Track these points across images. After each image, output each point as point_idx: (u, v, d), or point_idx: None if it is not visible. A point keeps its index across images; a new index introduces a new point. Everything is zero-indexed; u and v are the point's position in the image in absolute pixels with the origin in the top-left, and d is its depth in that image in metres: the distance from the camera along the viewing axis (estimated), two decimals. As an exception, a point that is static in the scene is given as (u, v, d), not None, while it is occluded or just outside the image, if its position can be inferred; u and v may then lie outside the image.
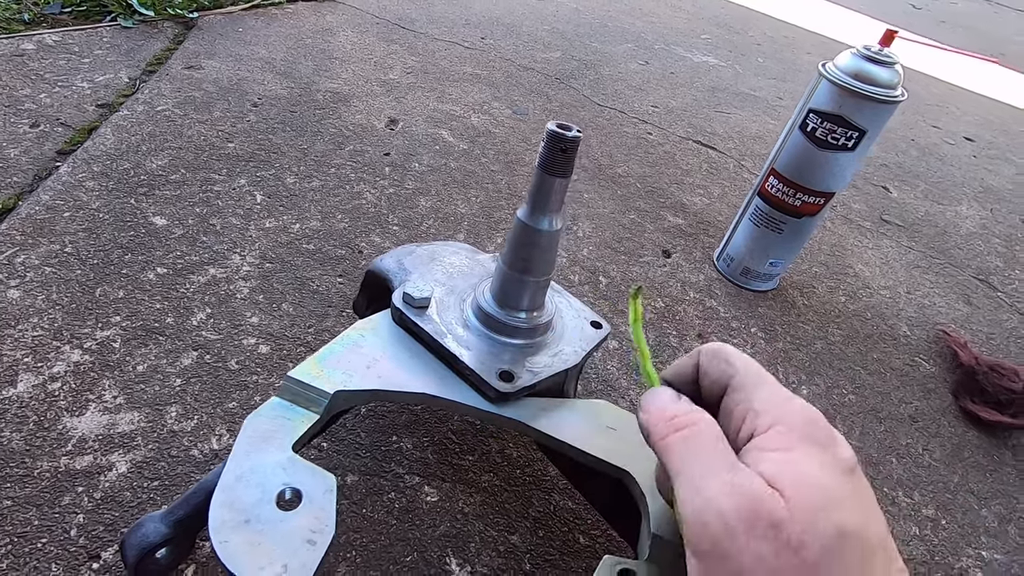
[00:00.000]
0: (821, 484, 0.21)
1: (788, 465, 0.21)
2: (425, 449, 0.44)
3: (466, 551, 0.39)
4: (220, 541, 0.25)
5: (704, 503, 0.21)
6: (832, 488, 0.21)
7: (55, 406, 0.41)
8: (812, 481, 0.21)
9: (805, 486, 0.20)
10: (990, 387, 0.61)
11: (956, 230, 0.93)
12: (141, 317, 0.49)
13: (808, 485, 0.20)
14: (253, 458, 0.29)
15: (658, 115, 1.05)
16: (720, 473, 0.21)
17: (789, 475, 0.21)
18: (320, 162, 0.72)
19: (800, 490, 0.20)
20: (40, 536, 0.35)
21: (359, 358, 0.35)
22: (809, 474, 0.21)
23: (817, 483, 0.21)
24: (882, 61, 0.55)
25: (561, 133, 0.32)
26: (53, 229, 0.55)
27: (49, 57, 0.80)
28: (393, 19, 1.16)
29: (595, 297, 0.63)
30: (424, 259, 0.43)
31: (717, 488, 0.21)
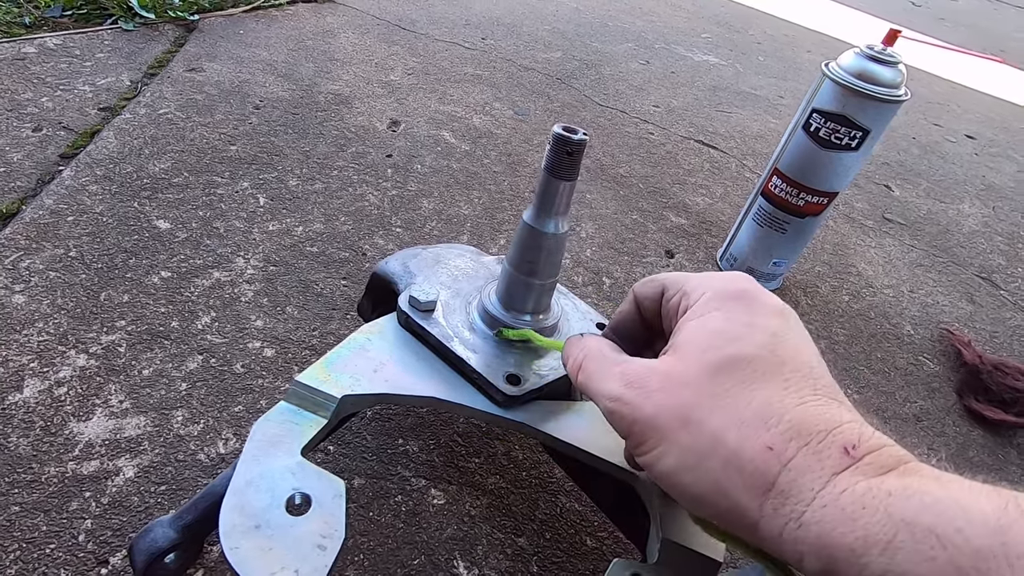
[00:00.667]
0: (721, 327, 0.24)
1: (697, 325, 0.24)
2: (431, 452, 0.44)
3: (473, 554, 0.39)
4: (231, 547, 0.25)
5: (603, 402, 0.25)
6: (730, 330, 0.23)
7: (61, 411, 0.41)
8: (713, 326, 0.24)
9: (702, 336, 0.24)
10: (994, 386, 0.61)
11: (958, 228, 0.93)
12: (146, 321, 0.49)
13: (707, 331, 0.24)
14: (262, 463, 0.29)
15: (659, 115, 1.05)
16: (611, 370, 0.26)
17: (693, 331, 0.24)
18: (322, 164, 0.72)
19: (695, 340, 0.24)
20: (48, 542, 0.35)
21: (366, 362, 0.35)
22: (709, 325, 0.24)
23: (717, 327, 0.24)
24: (885, 61, 0.55)
25: (567, 136, 0.32)
26: (57, 233, 0.55)
27: (50, 61, 0.80)
28: (393, 20, 1.16)
29: (599, 298, 0.63)
30: (429, 262, 0.43)
31: (612, 379, 0.25)
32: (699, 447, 0.21)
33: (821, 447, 0.20)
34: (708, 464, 0.21)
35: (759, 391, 0.21)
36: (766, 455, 0.20)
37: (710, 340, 0.23)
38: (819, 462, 0.20)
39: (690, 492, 0.22)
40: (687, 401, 0.22)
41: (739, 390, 0.22)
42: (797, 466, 0.20)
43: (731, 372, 0.22)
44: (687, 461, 0.22)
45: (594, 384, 0.26)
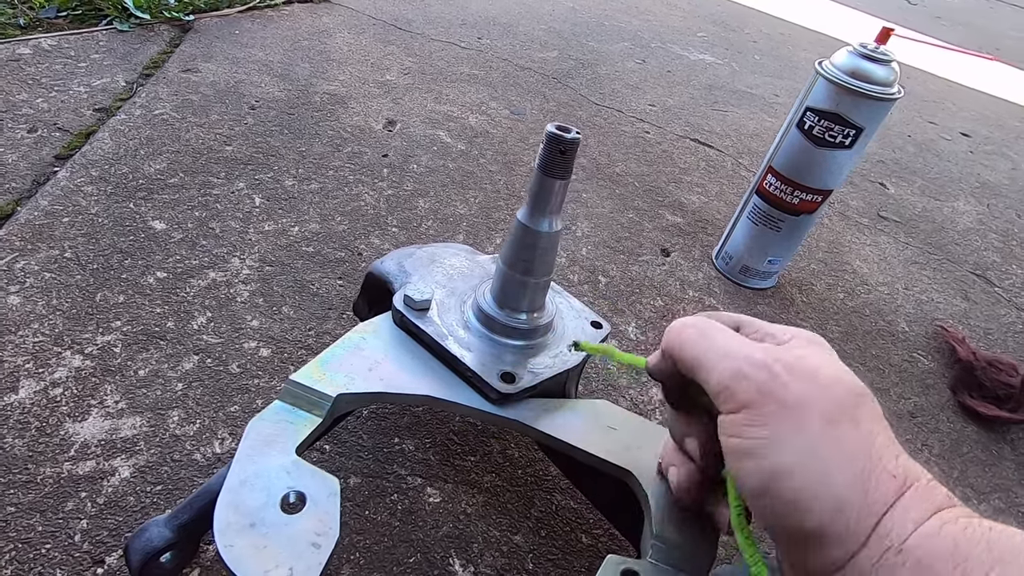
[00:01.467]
0: (840, 364, 0.23)
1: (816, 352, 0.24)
2: (427, 450, 0.45)
3: (469, 552, 0.39)
4: (226, 545, 0.25)
5: (738, 364, 0.23)
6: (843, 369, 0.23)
7: (57, 412, 0.41)
8: (835, 359, 0.24)
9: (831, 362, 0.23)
10: (988, 382, 0.61)
11: (953, 226, 0.93)
12: (142, 322, 0.49)
13: (834, 360, 0.24)
14: (257, 462, 0.29)
15: (655, 114, 1.05)
16: (742, 344, 0.24)
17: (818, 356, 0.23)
18: (318, 164, 0.72)
19: (830, 365, 0.23)
20: (44, 542, 0.35)
21: (361, 361, 0.35)
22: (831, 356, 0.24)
23: (838, 362, 0.24)
24: (878, 59, 0.55)
25: (560, 135, 0.32)
26: (52, 234, 0.55)
27: (45, 62, 0.79)
28: (389, 20, 1.16)
29: (595, 297, 0.63)
30: (424, 261, 0.43)
31: (747, 352, 0.23)
32: (830, 457, 0.21)
33: (928, 488, 0.21)
34: (834, 475, 0.20)
35: (880, 430, 0.22)
36: (889, 483, 0.20)
37: (838, 369, 0.23)
38: (925, 501, 0.20)
39: (797, 497, 0.21)
40: (830, 411, 0.21)
41: (869, 423, 0.22)
42: (910, 498, 0.20)
43: (865, 405, 0.22)
44: (813, 466, 0.21)
45: (719, 341, 0.24)
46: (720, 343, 0.24)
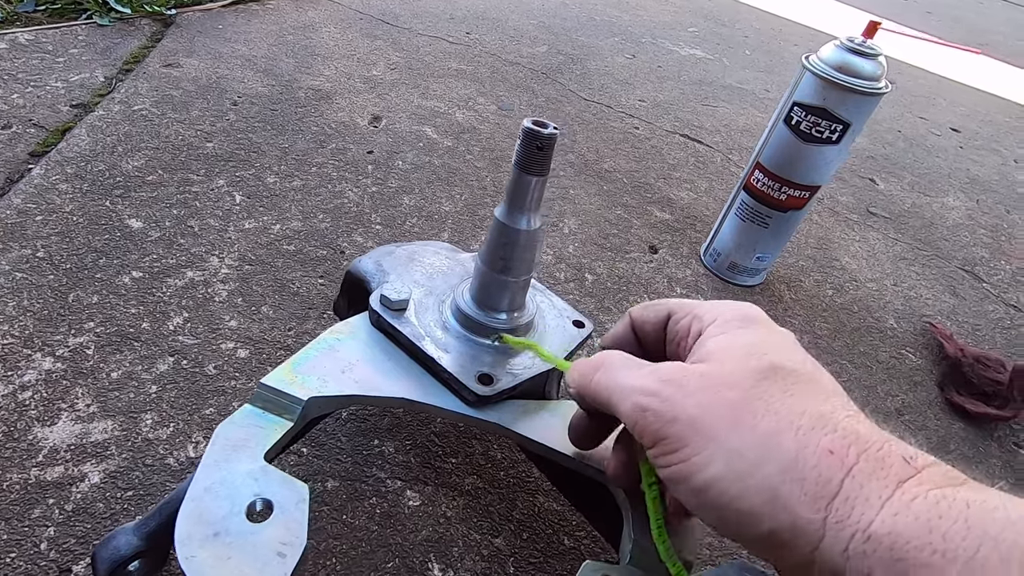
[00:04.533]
0: (752, 340, 0.23)
1: (727, 338, 0.23)
2: (407, 452, 0.44)
3: (449, 556, 0.39)
4: (186, 556, 0.24)
5: (635, 398, 0.23)
6: (764, 342, 0.23)
7: (25, 416, 0.40)
8: (744, 340, 0.23)
9: (736, 345, 0.23)
10: (976, 379, 0.61)
11: (942, 221, 0.93)
12: (116, 323, 0.48)
13: (739, 343, 0.23)
14: (223, 468, 0.28)
15: (645, 109, 1.04)
16: (639, 369, 0.24)
17: (724, 342, 0.23)
18: (301, 161, 0.71)
19: (730, 349, 0.23)
20: (9, 551, 0.34)
21: (334, 363, 0.34)
22: (740, 338, 0.23)
23: (749, 340, 0.23)
24: (865, 53, 0.54)
25: (537, 130, 0.31)
26: (25, 233, 0.53)
27: (22, 56, 0.78)
28: (376, 14, 1.14)
29: (581, 295, 0.62)
30: (403, 260, 0.42)
31: (642, 376, 0.23)
32: (752, 452, 0.19)
33: (881, 454, 0.18)
34: (763, 471, 0.19)
35: (807, 399, 0.20)
36: (828, 459, 0.18)
37: (747, 349, 0.22)
38: (883, 468, 0.18)
39: (738, 507, 0.19)
40: (735, 402, 0.20)
41: (785, 397, 0.20)
42: (861, 471, 0.18)
43: (775, 380, 0.21)
44: (738, 468, 0.19)
45: (619, 379, 0.24)
46: (620, 380, 0.24)
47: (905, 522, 0.16)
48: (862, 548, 0.17)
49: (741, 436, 0.19)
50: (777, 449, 0.19)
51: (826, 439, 0.19)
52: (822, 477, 0.18)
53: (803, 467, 0.18)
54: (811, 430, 0.19)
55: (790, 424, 0.19)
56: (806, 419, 0.19)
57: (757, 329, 0.24)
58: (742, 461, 0.19)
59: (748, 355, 0.22)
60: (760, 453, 0.19)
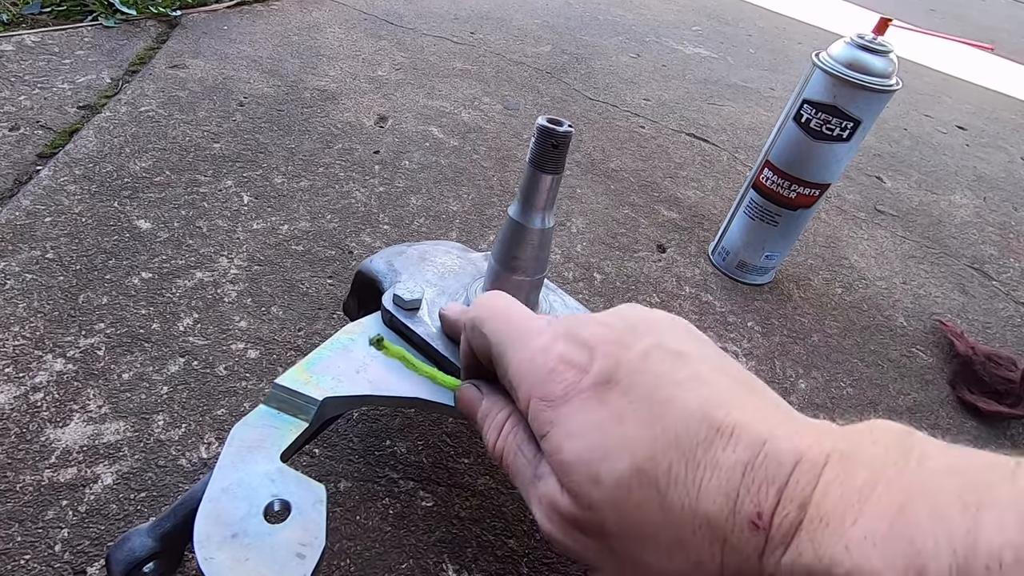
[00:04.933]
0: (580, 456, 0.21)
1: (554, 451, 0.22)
2: (419, 453, 0.44)
3: (463, 557, 0.38)
4: (205, 558, 0.24)
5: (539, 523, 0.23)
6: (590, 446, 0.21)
7: (38, 417, 0.40)
8: (572, 457, 0.21)
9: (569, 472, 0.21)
10: (987, 377, 0.61)
11: (950, 219, 0.93)
12: (126, 324, 0.48)
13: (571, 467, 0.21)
14: (240, 469, 0.28)
15: (650, 108, 1.04)
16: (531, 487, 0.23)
17: (559, 463, 0.22)
18: (308, 161, 0.71)
19: (569, 479, 0.21)
20: (23, 552, 0.34)
21: (348, 363, 0.34)
22: (567, 451, 0.21)
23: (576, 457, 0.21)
24: (876, 50, 0.54)
25: (552, 128, 0.31)
26: (34, 235, 0.53)
27: (28, 59, 0.78)
28: (381, 15, 1.14)
29: (590, 294, 0.62)
30: (414, 259, 0.42)
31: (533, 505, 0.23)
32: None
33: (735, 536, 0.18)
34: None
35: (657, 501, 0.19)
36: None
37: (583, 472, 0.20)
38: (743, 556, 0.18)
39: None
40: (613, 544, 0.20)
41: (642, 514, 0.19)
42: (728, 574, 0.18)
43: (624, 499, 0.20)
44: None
45: (522, 492, 0.24)
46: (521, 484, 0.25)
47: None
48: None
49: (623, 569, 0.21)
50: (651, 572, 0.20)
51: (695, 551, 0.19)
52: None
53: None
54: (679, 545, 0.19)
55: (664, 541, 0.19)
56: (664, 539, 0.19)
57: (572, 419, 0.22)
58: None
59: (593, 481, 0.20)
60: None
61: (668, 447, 0.19)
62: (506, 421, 0.26)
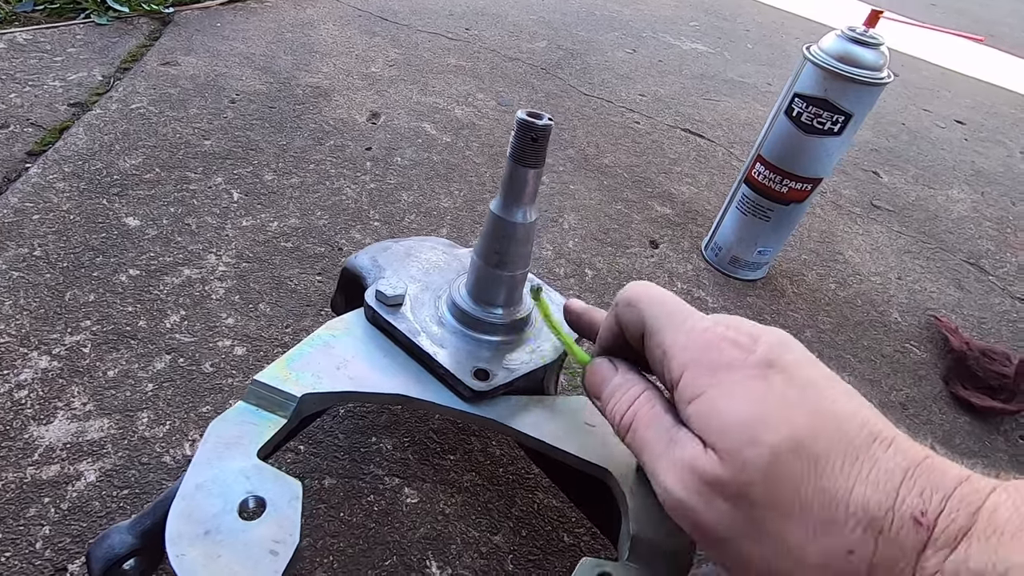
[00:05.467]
0: (740, 418, 0.21)
1: (706, 413, 0.22)
2: (405, 449, 0.43)
3: (447, 553, 0.38)
4: (176, 554, 0.24)
5: (663, 492, 0.22)
6: (752, 412, 0.21)
7: (21, 415, 0.40)
8: (731, 419, 0.21)
9: (725, 431, 0.21)
10: (981, 372, 0.60)
11: (947, 214, 0.92)
12: (112, 321, 0.48)
13: (727, 427, 0.21)
14: (215, 466, 0.28)
15: (645, 103, 1.04)
16: (664, 454, 0.23)
17: (710, 424, 0.21)
18: (299, 158, 0.71)
19: (723, 437, 0.21)
20: (4, 549, 0.34)
21: (329, 359, 0.34)
22: (726, 412, 0.21)
23: (736, 419, 0.21)
24: (867, 43, 0.54)
25: (531, 122, 0.31)
26: (21, 232, 0.53)
27: (20, 56, 0.78)
28: (375, 11, 1.14)
29: (581, 290, 0.62)
30: (399, 255, 0.42)
31: (664, 472, 0.22)
32: (780, 568, 0.19)
33: (894, 529, 0.18)
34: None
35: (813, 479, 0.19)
36: (849, 566, 0.18)
37: (742, 430, 0.20)
38: (899, 549, 0.18)
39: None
40: (755, 513, 0.20)
41: (795, 486, 0.19)
42: (880, 563, 0.18)
43: (780, 467, 0.20)
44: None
45: (650, 463, 0.23)
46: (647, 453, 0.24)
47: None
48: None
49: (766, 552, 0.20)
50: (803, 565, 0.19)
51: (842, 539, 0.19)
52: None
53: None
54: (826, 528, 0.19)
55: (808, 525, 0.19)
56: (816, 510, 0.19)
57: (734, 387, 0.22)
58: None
59: (750, 443, 0.20)
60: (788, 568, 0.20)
61: (830, 434, 0.20)
62: (640, 395, 0.26)
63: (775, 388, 0.21)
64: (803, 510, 0.19)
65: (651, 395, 0.26)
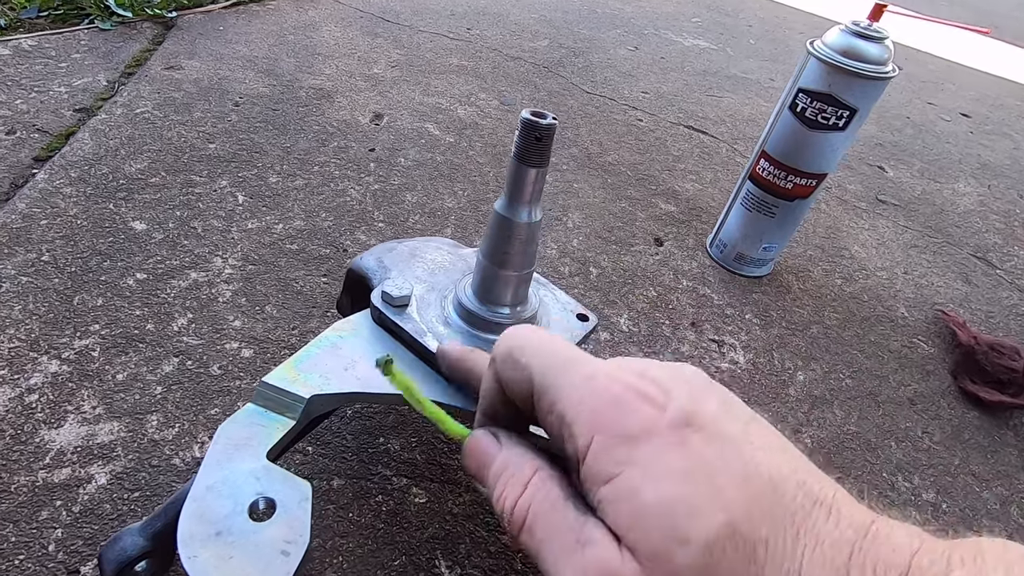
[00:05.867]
0: (662, 508, 0.18)
1: (625, 499, 0.18)
2: (413, 450, 0.44)
3: (456, 553, 0.38)
4: (189, 556, 0.24)
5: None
6: (675, 496, 0.18)
7: (32, 419, 0.41)
8: (653, 510, 0.18)
9: (647, 528, 0.18)
10: (990, 366, 0.60)
11: (953, 208, 0.91)
12: (121, 324, 0.48)
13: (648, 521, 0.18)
14: (225, 467, 0.28)
15: (648, 101, 1.04)
16: (569, 560, 0.19)
17: (628, 517, 0.18)
18: (304, 160, 0.71)
19: (645, 536, 0.18)
20: (17, 553, 0.34)
21: (337, 360, 0.34)
22: (646, 502, 0.18)
23: (658, 509, 0.18)
24: (871, 37, 0.53)
25: (535, 121, 0.31)
26: (30, 238, 0.54)
27: (25, 62, 0.78)
28: (377, 12, 1.14)
29: (586, 288, 0.62)
30: (404, 256, 0.42)
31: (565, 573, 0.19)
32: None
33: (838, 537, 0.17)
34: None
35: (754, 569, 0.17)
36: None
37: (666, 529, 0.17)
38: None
39: None
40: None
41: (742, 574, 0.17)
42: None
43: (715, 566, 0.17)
44: None
45: (552, 568, 0.19)
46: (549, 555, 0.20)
47: None
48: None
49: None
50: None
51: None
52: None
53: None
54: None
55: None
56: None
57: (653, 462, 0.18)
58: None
59: (679, 541, 0.17)
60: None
61: (766, 510, 0.17)
62: (533, 474, 0.21)
63: (698, 458, 0.18)
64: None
65: (545, 476, 0.21)
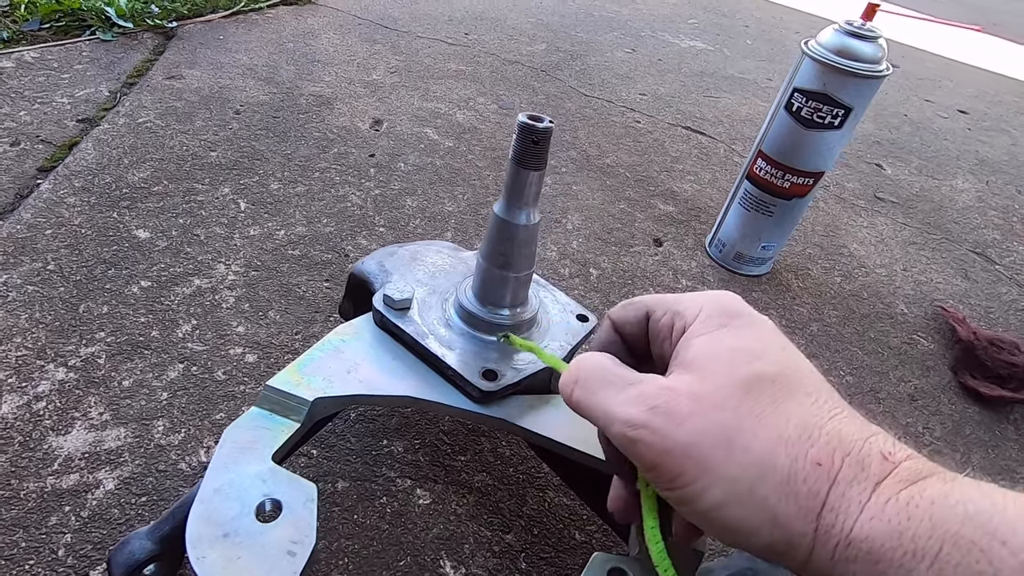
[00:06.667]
0: (735, 344, 0.22)
1: (709, 341, 0.23)
2: (416, 451, 0.44)
3: (460, 553, 0.39)
4: (197, 557, 0.25)
5: (623, 430, 0.21)
6: (747, 346, 0.22)
7: (40, 425, 0.41)
8: (727, 344, 0.22)
9: (720, 352, 0.22)
10: (990, 361, 0.60)
11: (952, 204, 0.92)
12: (126, 332, 0.48)
13: (723, 348, 0.22)
14: (232, 470, 0.28)
15: (646, 103, 1.04)
16: (621, 391, 0.22)
17: (707, 348, 0.22)
18: (304, 167, 0.72)
19: (715, 357, 0.22)
20: (28, 558, 0.35)
21: (340, 363, 0.35)
22: (723, 342, 0.22)
23: (731, 344, 0.22)
24: (865, 36, 0.54)
25: (532, 124, 0.31)
26: (35, 247, 0.54)
27: (28, 74, 0.79)
28: (375, 19, 1.15)
29: (586, 290, 0.62)
30: (405, 260, 0.42)
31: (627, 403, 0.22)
32: (749, 475, 0.19)
33: (862, 455, 0.19)
34: (760, 492, 0.19)
35: (792, 406, 0.20)
36: (817, 472, 0.19)
37: (731, 356, 0.21)
38: (863, 470, 0.19)
39: (740, 527, 0.20)
40: (727, 424, 0.20)
41: (774, 408, 0.20)
42: (844, 478, 0.19)
43: (762, 389, 0.21)
44: (737, 492, 0.19)
45: (599, 404, 0.22)
46: (603, 404, 0.22)
47: (880, 526, 0.18)
48: (845, 554, 0.18)
49: (737, 461, 0.20)
50: (771, 469, 0.19)
51: (813, 450, 0.19)
52: (811, 491, 0.19)
53: (795, 483, 0.19)
54: (799, 441, 0.20)
55: (780, 438, 0.20)
56: (793, 429, 0.20)
57: (738, 327, 0.23)
58: (740, 485, 0.20)
59: (733, 364, 0.21)
60: (756, 475, 0.19)
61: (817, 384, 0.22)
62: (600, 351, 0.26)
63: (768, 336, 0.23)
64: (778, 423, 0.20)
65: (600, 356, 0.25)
